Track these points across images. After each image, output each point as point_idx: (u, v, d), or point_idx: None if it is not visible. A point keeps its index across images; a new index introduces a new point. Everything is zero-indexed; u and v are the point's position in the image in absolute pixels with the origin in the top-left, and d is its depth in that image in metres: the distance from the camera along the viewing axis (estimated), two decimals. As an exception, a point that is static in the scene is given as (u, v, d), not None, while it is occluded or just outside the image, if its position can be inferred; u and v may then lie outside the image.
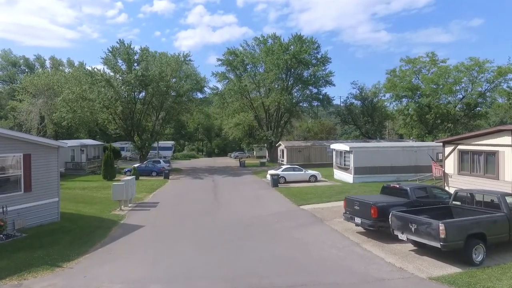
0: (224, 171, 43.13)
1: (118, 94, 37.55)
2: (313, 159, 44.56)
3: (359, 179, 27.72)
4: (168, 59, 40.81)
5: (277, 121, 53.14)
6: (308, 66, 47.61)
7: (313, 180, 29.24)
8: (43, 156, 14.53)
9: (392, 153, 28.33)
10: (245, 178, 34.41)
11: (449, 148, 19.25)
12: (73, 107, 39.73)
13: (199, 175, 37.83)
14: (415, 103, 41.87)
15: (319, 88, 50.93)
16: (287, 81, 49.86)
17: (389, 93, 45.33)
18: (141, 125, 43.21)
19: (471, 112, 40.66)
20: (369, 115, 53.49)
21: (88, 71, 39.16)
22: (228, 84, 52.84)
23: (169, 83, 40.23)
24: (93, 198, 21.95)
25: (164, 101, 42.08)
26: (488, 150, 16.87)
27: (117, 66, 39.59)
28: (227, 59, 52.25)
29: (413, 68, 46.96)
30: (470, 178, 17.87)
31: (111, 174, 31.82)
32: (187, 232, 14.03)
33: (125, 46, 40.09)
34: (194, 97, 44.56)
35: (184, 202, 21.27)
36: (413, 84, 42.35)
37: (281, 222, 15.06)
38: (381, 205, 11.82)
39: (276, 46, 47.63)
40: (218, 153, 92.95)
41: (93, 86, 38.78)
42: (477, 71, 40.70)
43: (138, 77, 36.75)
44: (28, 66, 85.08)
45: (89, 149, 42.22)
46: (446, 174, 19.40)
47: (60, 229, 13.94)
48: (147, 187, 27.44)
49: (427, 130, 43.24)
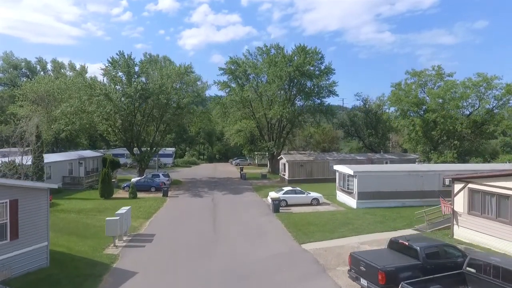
0: (224, 184, 42.36)
1: (117, 107, 36.78)
2: (315, 173, 43.78)
3: (363, 204, 26.88)
4: (169, 71, 40.02)
5: (279, 131, 52.35)
6: (312, 78, 46.72)
7: (315, 203, 28.43)
8: (32, 200, 13.75)
9: (398, 178, 27.44)
10: (245, 196, 33.57)
11: (459, 185, 18.40)
12: (72, 119, 39.09)
13: (199, 191, 37.04)
14: (421, 118, 40.93)
15: (322, 99, 50.12)
16: (290, 92, 48.99)
17: (394, 107, 44.35)
18: (140, 136, 42.51)
19: (478, 129, 39.69)
20: (373, 127, 52.58)
21: (87, 83, 38.36)
22: (229, 93, 52.03)
23: (169, 95, 39.44)
24: (87, 227, 21.18)
25: (164, 113, 41.33)
26: (502, 193, 15.98)
27: (117, 77, 38.81)
28: (229, 68, 51.54)
29: (418, 81, 46.02)
30: (481, 220, 17.02)
31: (108, 192, 31.11)
32: (181, 283, 13.25)
33: (125, 58, 39.33)
34: (194, 109, 43.71)
35: (181, 234, 20.45)
36: (419, 99, 41.40)
37: (281, 272, 14.23)
38: (390, 269, 10.98)
39: (279, 57, 46.78)
40: (220, 158, 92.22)
41: (92, 98, 38.06)
42: (485, 87, 39.77)
43: (138, 90, 35.99)
44: (30, 69, 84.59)
45: (88, 161, 41.56)
46: (455, 212, 18.54)
47: (47, 279, 13.16)
48: (144, 210, 26.65)
49: (432, 145, 42.32)
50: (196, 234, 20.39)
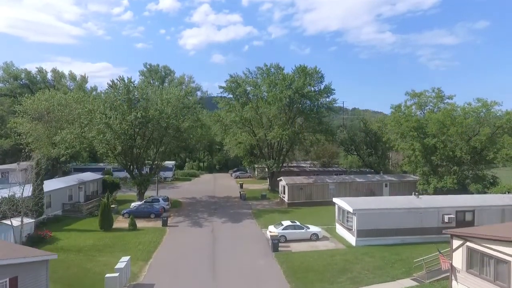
0: (224, 207, 42.42)
1: (117, 134, 36.81)
2: (314, 196, 43.84)
3: (362, 242, 26.95)
4: (169, 96, 40.04)
5: (278, 150, 52.42)
6: (312, 99, 46.76)
7: (314, 238, 28.49)
8: (32, 275, 13.81)
9: (397, 215, 27.49)
10: (245, 226, 33.51)
11: (458, 242, 18.38)
12: (72, 143, 39.16)
13: (198, 217, 37.01)
14: (420, 142, 40.93)
15: (321, 118, 50.12)
16: (290, 112, 49.02)
17: (395, 131, 44.31)
18: (140, 159, 42.52)
19: (477, 155, 39.69)
20: (373, 147, 52.66)
21: (87, 108, 38.38)
22: (229, 109, 51.96)
23: (169, 119, 39.47)
24: (86, 274, 21.22)
25: (164, 137, 41.36)
26: (500, 257, 15.99)
27: (116, 103, 38.77)
28: (229, 87, 51.54)
29: (419, 102, 46.07)
30: (479, 281, 17.03)
31: (108, 224, 31.15)
32: None
33: (125, 82, 39.35)
34: (194, 133, 43.72)
35: (180, 282, 20.56)
36: (418, 123, 41.38)
37: None
38: None
39: (279, 78, 46.81)
40: (220, 168, 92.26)
41: (92, 121, 38.08)
42: (484, 113, 39.78)
43: (137, 118, 36.03)
44: (30, 80, 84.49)
45: (88, 185, 41.65)
46: (454, 268, 18.56)
47: None
48: (143, 247, 26.73)
49: (432, 169, 42.32)
50: (196, 282, 20.50)
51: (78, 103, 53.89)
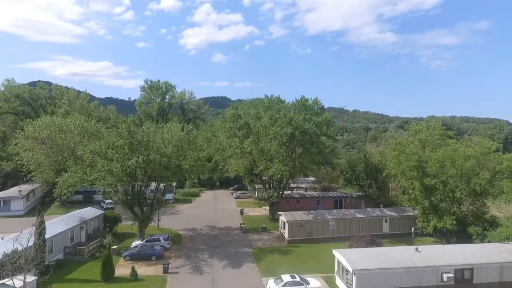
0: (224, 244, 42.61)
1: (118, 177, 37.04)
2: (314, 233, 44.09)
3: (361, 301, 27.18)
4: (170, 137, 40.27)
5: (278, 181, 52.69)
6: (312, 135, 46.99)
7: (314, 294, 28.73)
8: None
9: (396, 275, 27.75)
10: (245, 274, 33.71)
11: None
12: (73, 183, 39.44)
13: (199, 261, 37.16)
14: (420, 182, 41.20)
15: (322, 149, 50.35)
16: (291, 146, 49.28)
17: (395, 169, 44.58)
18: (142, 194, 42.75)
19: (476, 197, 39.91)
20: (373, 179, 52.99)
21: (89, 150, 38.62)
22: (229, 138, 52.21)
23: (170, 159, 39.69)
24: None
25: (165, 174, 41.57)
26: None
27: (118, 142, 38.96)
28: (230, 118, 51.77)
29: (419, 139, 46.35)
30: None
31: (109, 274, 31.45)
32: None
33: (126, 123, 39.58)
34: (195, 170, 43.87)
35: None
36: (418, 162, 41.61)
37: None
38: None
39: (280, 115, 47.05)
40: (221, 184, 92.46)
41: (92, 166, 38.43)
42: (484, 157, 39.94)
43: (139, 163, 36.26)
44: (32, 98, 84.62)
45: (89, 223, 41.90)
46: None
47: None
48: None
49: (431, 208, 42.54)
50: None
51: (79, 131, 54.71)
